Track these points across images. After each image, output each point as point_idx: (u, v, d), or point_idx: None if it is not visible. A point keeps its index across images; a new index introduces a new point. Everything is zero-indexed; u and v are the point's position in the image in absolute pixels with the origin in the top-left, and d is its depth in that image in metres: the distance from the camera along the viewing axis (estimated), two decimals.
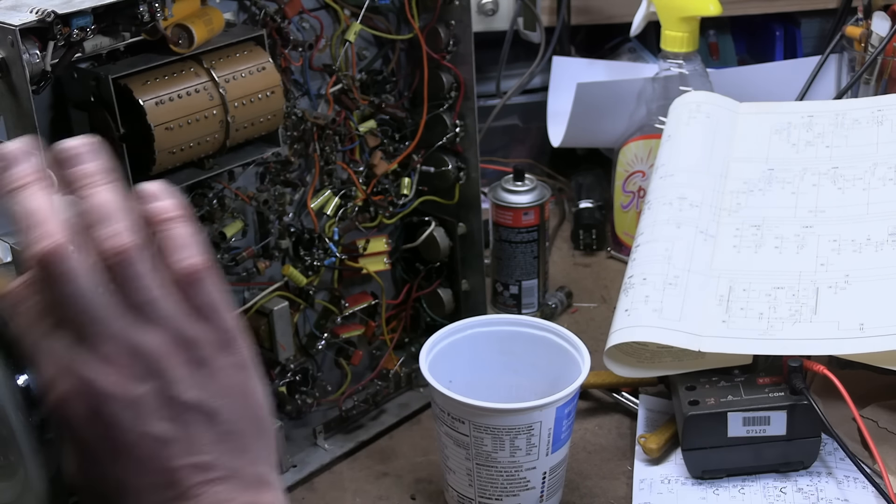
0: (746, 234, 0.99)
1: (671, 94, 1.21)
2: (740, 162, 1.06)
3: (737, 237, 0.99)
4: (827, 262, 0.95)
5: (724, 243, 0.99)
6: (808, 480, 0.92)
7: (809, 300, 0.92)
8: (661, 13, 1.22)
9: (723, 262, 0.97)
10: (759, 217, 1.01)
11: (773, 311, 0.93)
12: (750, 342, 0.91)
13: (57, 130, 0.81)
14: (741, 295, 0.94)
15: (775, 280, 0.95)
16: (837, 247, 0.96)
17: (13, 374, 0.86)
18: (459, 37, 1.03)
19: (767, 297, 0.94)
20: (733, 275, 0.96)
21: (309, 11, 0.96)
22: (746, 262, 0.97)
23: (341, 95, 1.00)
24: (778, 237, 0.98)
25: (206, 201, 0.92)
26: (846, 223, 0.98)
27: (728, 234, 0.99)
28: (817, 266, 0.95)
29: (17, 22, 0.73)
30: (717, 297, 0.95)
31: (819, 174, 1.03)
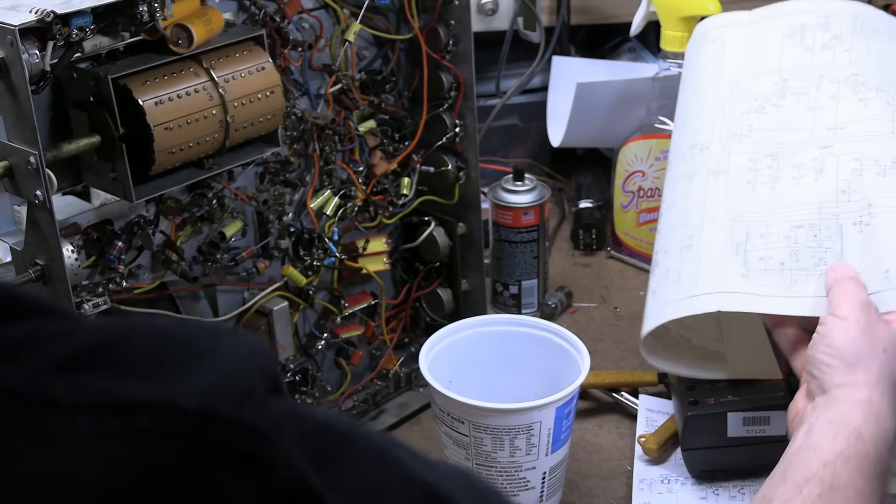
0: (761, 166, 0.88)
1: (671, 94, 1.21)
2: (751, 77, 0.94)
3: (751, 170, 0.88)
4: (848, 187, 0.84)
5: (737, 178, 0.88)
6: None
7: (834, 243, 0.83)
8: (661, 13, 1.22)
9: (737, 202, 0.87)
10: (775, 144, 0.89)
11: (795, 259, 0.83)
12: (773, 300, 0.83)
13: (57, 130, 0.81)
14: (759, 242, 0.85)
15: (794, 217, 0.85)
16: (860, 168, 0.85)
17: None
18: (459, 37, 1.03)
19: (787, 241, 0.84)
20: (749, 217, 0.86)
21: (309, 11, 0.96)
22: (762, 201, 0.86)
23: (341, 95, 1.00)
24: (795, 166, 0.87)
25: (206, 201, 0.92)
26: (869, 140, 0.87)
27: (741, 167, 0.88)
28: (838, 194, 0.84)
29: (17, 22, 0.73)
30: (733, 246, 0.85)
31: (838, 82, 0.90)
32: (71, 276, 0.81)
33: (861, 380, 0.74)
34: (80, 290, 0.84)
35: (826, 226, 0.84)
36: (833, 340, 0.76)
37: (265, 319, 0.99)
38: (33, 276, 0.82)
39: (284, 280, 1.00)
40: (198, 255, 0.94)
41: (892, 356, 0.75)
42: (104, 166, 0.82)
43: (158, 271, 0.92)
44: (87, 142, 0.81)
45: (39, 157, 0.76)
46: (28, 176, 0.78)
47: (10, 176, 0.79)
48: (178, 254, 0.91)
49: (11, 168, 0.79)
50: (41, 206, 0.78)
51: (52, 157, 0.79)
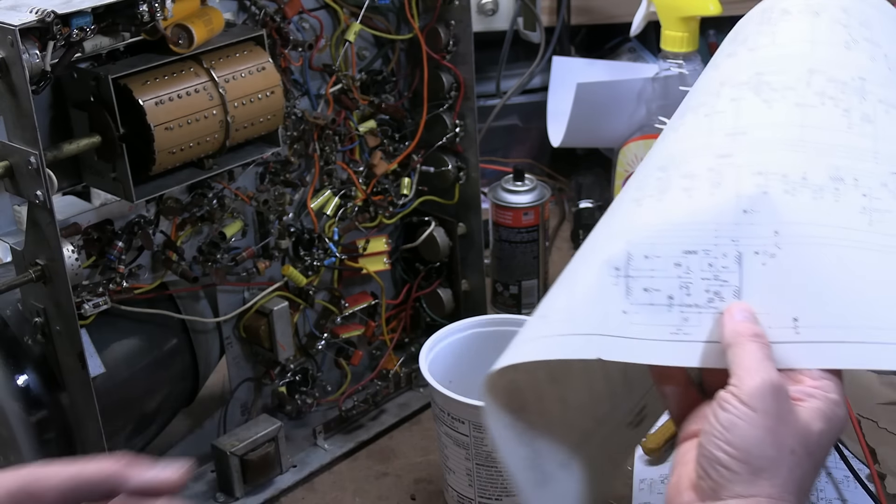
0: (650, 179, 0.72)
1: (671, 94, 1.21)
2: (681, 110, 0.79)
3: (638, 189, 0.72)
4: (751, 207, 0.68)
5: (623, 199, 0.73)
6: None
7: (731, 276, 0.67)
8: (661, 13, 1.22)
9: (620, 221, 0.71)
10: (666, 156, 0.74)
11: (686, 292, 0.67)
12: (658, 346, 0.67)
13: (57, 130, 0.81)
14: (643, 266, 0.68)
15: (685, 238, 0.68)
16: (764, 183, 0.68)
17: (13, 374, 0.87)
18: (459, 37, 1.03)
19: (677, 270, 0.68)
20: (631, 234, 0.69)
21: (309, 11, 0.96)
22: (648, 215, 0.70)
23: (341, 95, 1.00)
24: (687, 175, 0.70)
25: (206, 201, 0.92)
26: (775, 149, 0.70)
27: (629, 188, 0.73)
28: (739, 214, 0.68)
29: (17, 22, 0.73)
30: (612, 272, 0.68)
31: (739, 84, 0.74)
32: (71, 276, 0.81)
33: (765, 492, 0.60)
34: (80, 290, 0.84)
35: (723, 252, 0.68)
36: (734, 437, 0.61)
37: (265, 319, 0.99)
38: (33, 276, 0.82)
39: (284, 280, 1.00)
40: (198, 255, 0.94)
41: (801, 457, 0.61)
42: (104, 166, 0.82)
43: (158, 271, 0.92)
44: (87, 142, 0.81)
45: (40, 157, 0.76)
46: (28, 176, 0.78)
47: (11, 176, 0.79)
48: (178, 254, 0.91)
49: (12, 168, 0.79)
50: (41, 206, 0.78)
51: (53, 157, 0.79)
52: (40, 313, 0.84)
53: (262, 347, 1.00)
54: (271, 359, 1.00)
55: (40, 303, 0.84)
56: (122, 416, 0.93)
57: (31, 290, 0.84)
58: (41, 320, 0.84)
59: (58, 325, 0.83)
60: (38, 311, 0.84)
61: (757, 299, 0.66)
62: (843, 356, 0.64)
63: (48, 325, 0.84)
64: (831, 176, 0.69)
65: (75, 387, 0.84)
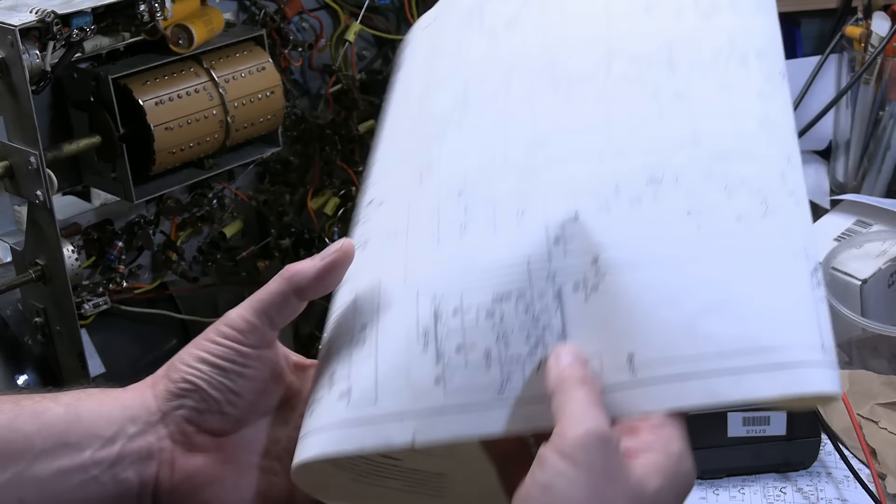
0: (446, 209, 0.62)
1: None
2: (430, 91, 0.69)
3: (434, 220, 0.62)
4: (562, 235, 0.59)
5: (419, 233, 0.62)
6: (808, 480, 0.92)
7: (553, 318, 0.58)
8: None
9: (420, 268, 0.61)
10: (460, 175, 0.63)
11: (505, 344, 0.58)
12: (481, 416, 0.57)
13: (57, 130, 0.81)
14: (452, 323, 0.59)
15: (495, 282, 0.59)
16: (574, 204, 0.59)
17: (13, 374, 0.86)
18: None
19: (490, 320, 0.58)
20: (436, 285, 0.60)
21: (309, 11, 0.96)
22: (452, 260, 0.60)
23: (341, 95, 1.00)
24: (489, 203, 0.61)
25: (206, 201, 0.92)
26: (581, 160, 0.61)
27: (424, 215, 0.63)
28: (550, 245, 0.59)
29: (17, 22, 0.73)
30: (419, 334, 0.59)
31: (531, 75, 0.64)
32: (71, 276, 0.81)
33: None
34: (80, 290, 0.84)
35: (540, 293, 0.59)
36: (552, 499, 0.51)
37: None
38: (33, 276, 0.82)
39: None
40: (198, 255, 0.94)
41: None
42: (104, 166, 0.82)
43: (158, 271, 0.92)
44: (87, 142, 0.81)
45: (40, 157, 0.76)
46: (28, 176, 0.78)
47: (11, 176, 0.79)
48: (178, 254, 0.91)
49: (12, 168, 0.79)
50: (41, 206, 0.78)
51: (53, 157, 0.79)
52: (40, 313, 0.84)
53: None
54: None
55: (40, 303, 0.84)
56: None
57: (31, 290, 0.84)
58: (41, 320, 0.84)
59: (58, 325, 0.83)
60: (38, 311, 0.84)
61: (585, 340, 0.57)
62: (686, 394, 0.55)
63: (48, 325, 0.84)
64: (648, 178, 0.59)
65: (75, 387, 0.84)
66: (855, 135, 1.27)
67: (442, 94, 0.67)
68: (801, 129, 1.27)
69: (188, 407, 0.58)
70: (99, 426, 0.58)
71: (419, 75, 0.71)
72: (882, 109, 1.24)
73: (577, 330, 0.57)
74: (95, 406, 0.59)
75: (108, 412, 0.58)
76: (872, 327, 0.95)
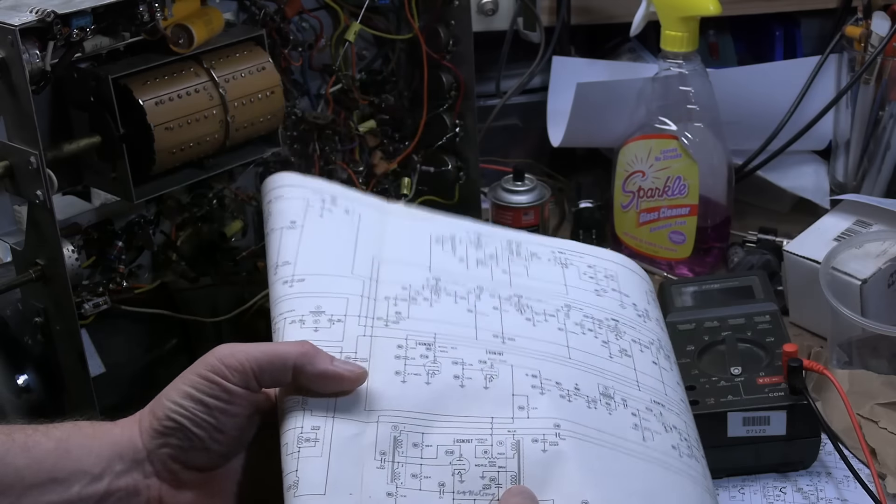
0: (413, 354, 0.69)
1: (671, 94, 1.21)
2: (396, 265, 0.76)
3: (400, 359, 0.68)
4: (528, 404, 0.67)
5: (382, 367, 0.67)
6: (808, 480, 0.92)
7: (510, 461, 0.64)
8: (661, 13, 1.22)
9: (382, 397, 0.66)
10: (430, 333, 0.70)
11: (460, 479, 0.63)
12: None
13: (57, 130, 0.81)
14: (412, 453, 0.64)
15: (458, 428, 0.66)
16: (539, 386, 0.68)
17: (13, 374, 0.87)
18: (459, 37, 1.03)
19: (449, 457, 0.64)
20: (398, 418, 0.65)
21: (309, 11, 0.96)
22: (416, 398, 0.66)
23: (341, 95, 1.00)
24: (458, 362, 0.69)
25: (206, 201, 0.92)
26: (545, 360, 0.71)
27: (387, 354, 0.68)
28: (515, 410, 0.67)
29: (17, 22, 0.74)
30: (376, 453, 0.63)
31: (500, 299, 0.75)
32: (71, 276, 0.81)
33: None
34: (80, 290, 0.84)
35: (499, 441, 0.65)
36: None
37: (265, 320, 0.98)
38: (33, 276, 0.82)
39: None
40: (198, 255, 0.94)
41: None
42: (104, 166, 0.82)
43: (158, 271, 0.92)
44: (87, 142, 0.81)
45: (40, 157, 0.76)
46: (28, 176, 0.78)
47: (11, 176, 0.79)
48: (178, 254, 0.91)
49: (12, 168, 0.79)
50: (41, 206, 0.78)
51: (53, 157, 0.79)
52: (40, 313, 0.84)
53: None
54: None
55: (40, 303, 0.84)
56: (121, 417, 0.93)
57: (31, 290, 0.84)
58: (41, 320, 0.84)
59: (58, 325, 0.83)
60: (38, 311, 0.84)
61: (539, 484, 0.63)
62: None
63: (48, 325, 0.84)
64: (602, 393, 0.71)
65: (75, 387, 0.84)
66: (855, 135, 1.28)
67: (412, 273, 0.75)
68: (801, 129, 1.27)
69: (172, 445, 0.59)
70: (87, 462, 0.59)
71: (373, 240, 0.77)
72: (882, 109, 1.24)
73: (532, 474, 0.64)
74: (85, 442, 0.59)
75: (97, 448, 0.59)
76: (872, 327, 0.95)
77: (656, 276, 1.25)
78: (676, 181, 1.22)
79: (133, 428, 0.60)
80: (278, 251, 0.73)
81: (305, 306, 0.70)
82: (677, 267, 1.24)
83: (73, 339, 0.82)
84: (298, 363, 0.61)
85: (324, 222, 0.76)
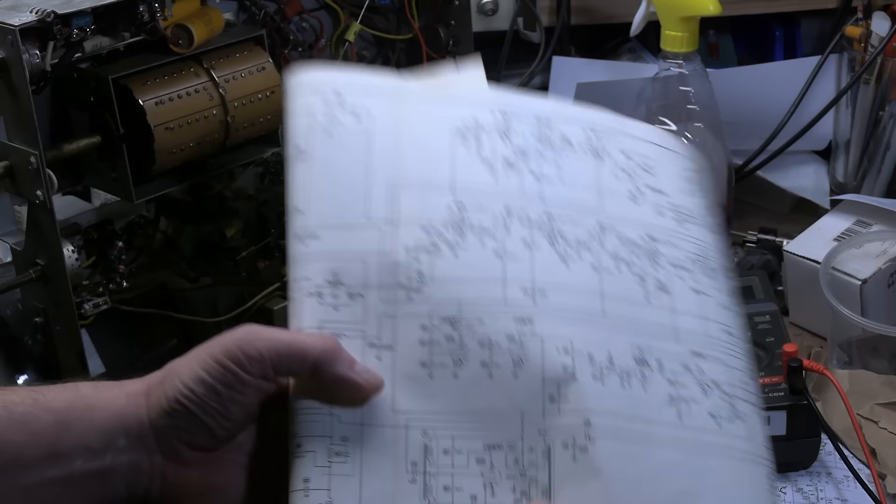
0: (439, 337, 0.63)
1: (671, 94, 1.21)
2: (415, 189, 0.66)
3: (425, 346, 0.62)
4: (558, 393, 0.62)
5: (408, 357, 0.62)
6: (808, 480, 0.92)
7: (540, 472, 0.61)
8: (661, 13, 1.22)
9: (410, 397, 0.62)
10: (454, 302, 0.63)
11: (491, 492, 0.61)
12: None
13: (57, 130, 0.81)
14: (443, 461, 0.61)
15: (488, 430, 0.62)
16: (571, 365, 0.63)
17: (13, 374, 0.87)
18: (459, 37, 1.03)
19: (480, 467, 0.61)
20: (427, 421, 0.61)
21: (309, 11, 0.96)
22: (445, 396, 0.62)
23: None
24: (485, 344, 0.62)
25: (206, 201, 0.92)
26: (579, 321, 0.65)
27: (412, 339, 0.62)
28: (545, 402, 0.62)
29: (17, 22, 0.74)
30: (408, 465, 0.61)
31: (530, 223, 0.67)
32: (71, 276, 0.81)
33: None
34: (80, 290, 0.84)
35: (530, 446, 0.62)
36: None
37: (265, 319, 0.99)
38: (33, 276, 0.82)
39: (284, 280, 1.00)
40: (198, 255, 0.94)
41: None
42: (105, 166, 0.82)
43: (158, 271, 0.92)
44: (87, 142, 0.81)
45: (40, 157, 0.76)
46: (28, 176, 0.78)
47: (11, 176, 0.79)
48: (178, 254, 0.91)
49: (12, 168, 0.79)
50: (41, 206, 0.78)
51: (53, 157, 0.79)
52: (40, 313, 0.84)
53: None
54: None
55: (40, 303, 0.84)
56: None
57: (31, 290, 0.84)
58: (41, 320, 0.84)
59: (58, 325, 0.83)
60: (38, 311, 0.84)
61: (569, 498, 0.61)
62: None
63: (48, 325, 0.84)
64: (636, 358, 0.65)
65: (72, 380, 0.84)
66: (855, 135, 1.28)
67: (432, 203, 0.66)
68: (801, 129, 1.27)
69: (179, 427, 0.58)
70: (89, 437, 0.57)
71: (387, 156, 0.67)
72: (882, 109, 1.24)
73: (562, 488, 0.61)
74: (87, 413, 0.58)
75: (99, 421, 0.58)
76: (872, 327, 0.95)
77: None
78: None
79: (140, 401, 0.58)
80: (291, 192, 0.65)
81: (321, 273, 0.63)
82: None
83: (73, 339, 0.82)
84: (319, 361, 0.58)
85: (332, 143, 0.67)
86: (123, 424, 0.58)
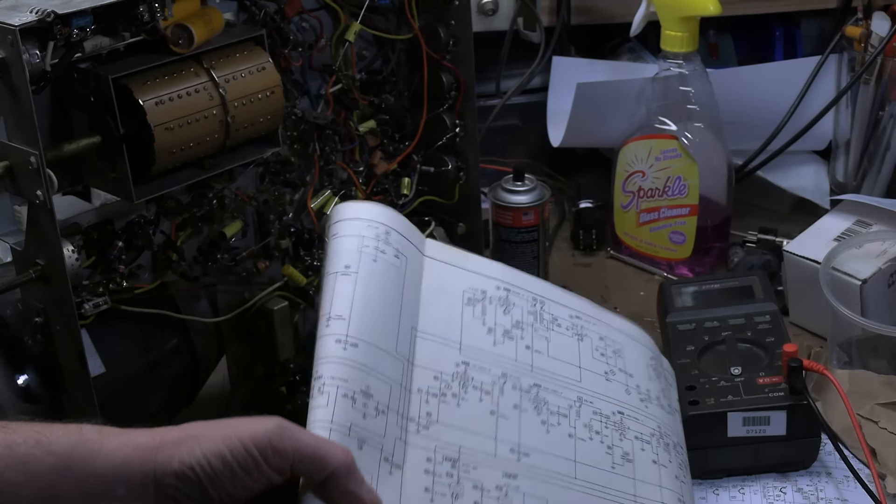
0: (441, 471, 0.71)
1: (671, 94, 1.21)
2: (430, 341, 0.76)
3: (429, 475, 0.70)
4: None
5: (414, 480, 0.69)
6: (808, 480, 0.92)
7: None
8: (661, 13, 1.22)
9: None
10: (455, 447, 0.72)
11: None
12: None
13: (57, 130, 0.81)
14: None
15: None
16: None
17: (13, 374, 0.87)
18: (459, 37, 1.03)
19: None
20: None
21: (309, 11, 0.96)
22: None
23: (341, 95, 1.00)
24: (478, 486, 0.71)
25: (206, 201, 0.92)
26: (553, 484, 0.75)
27: (419, 467, 0.70)
28: None
29: (17, 22, 0.74)
30: None
31: (521, 391, 0.77)
32: (71, 276, 0.81)
33: None
34: (80, 290, 0.84)
35: None
36: None
37: (265, 319, 0.99)
38: (33, 276, 0.82)
39: (284, 280, 1.00)
40: (198, 255, 0.94)
41: None
42: (105, 166, 0.82)
43: (158, 271, 0.92)
44: (87, 142, 0.81)
45: (40, 157, 0.76)
46: (28, 176, 0.78)
47: (11, 176, 0.79)
48: (178, 254, 0.91)
49: (12, 168, 0.79)
50: (41, 206, 0.78)
51: (53, 157, 0.79)
52: (40, 313, 0.84)
53: (263, 347, 1.00)
54: (271, 358, 1.00)
55: (40, 303, 0.84)
56: (121, 416, 0.93)
57: (31, 290, 0.84)
58: (41, 320, 0.84)
59: (58, 325, 0.83)
60: (38, 311, 0.84)
61: None
62: None
63: (48, 325, 0.84)
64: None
65: (75, 387, 0.84)
66: (855, 135, 1.28)
67: (444, 356, 0.76)
68: (801, 129, 1.27)
69: (183, 492, 0.58)
70: (89, 483, 0.58)
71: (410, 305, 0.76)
72: (882, 109, 1.24)
73: None
74: (89, 458, 0.58)
75: (101, 467, 0.58)
76: (872, 327, 0.95)
77: (656, 276, 1.25)
78: (676, 181, 1.22)
79: (148, 455, 0.59)
80: (332, 300, 0.72)
81: (358, 382, 0.69)
82: (677, 267, 1.24)
83: (73, 339, 0.82)
84: (336, 472, 0.61)
85: (377, 269, 0.75)
86: (126, 475, 0.58)
